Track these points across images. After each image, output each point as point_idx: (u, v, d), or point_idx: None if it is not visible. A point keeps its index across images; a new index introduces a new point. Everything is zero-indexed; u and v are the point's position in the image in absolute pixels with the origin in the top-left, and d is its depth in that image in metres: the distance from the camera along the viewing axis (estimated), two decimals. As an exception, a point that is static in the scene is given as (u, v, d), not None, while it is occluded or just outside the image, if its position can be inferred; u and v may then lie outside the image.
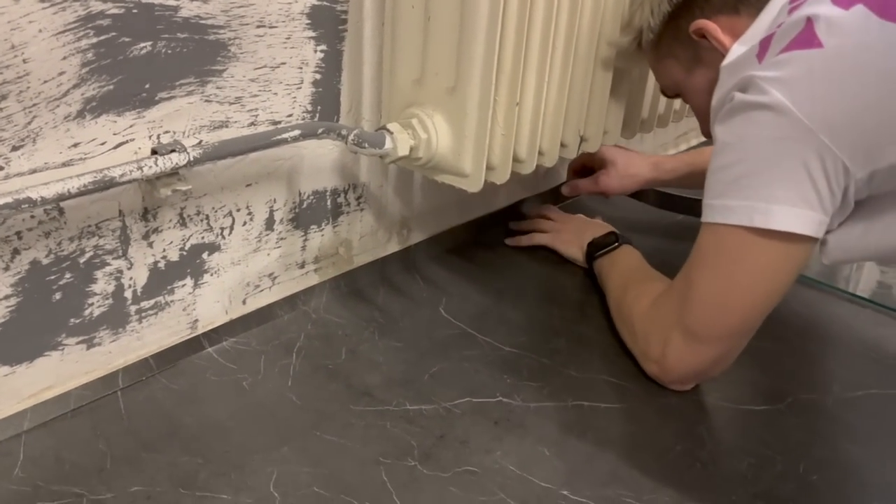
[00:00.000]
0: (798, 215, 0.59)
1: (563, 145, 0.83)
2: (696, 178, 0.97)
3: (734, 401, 0.74)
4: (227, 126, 0.68)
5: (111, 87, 0.59)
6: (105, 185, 0.57)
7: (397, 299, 0.86)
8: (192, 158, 0.62)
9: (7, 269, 0.58)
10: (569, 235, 0.98)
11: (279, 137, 0.68)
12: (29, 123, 0.55)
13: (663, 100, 1.00)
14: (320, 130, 0.70)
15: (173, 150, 0.61)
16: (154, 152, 0.62)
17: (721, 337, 0.67)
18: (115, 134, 0.61)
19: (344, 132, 0.70)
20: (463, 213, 1.01)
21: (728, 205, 0.62)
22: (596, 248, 0.91)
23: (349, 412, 0.68)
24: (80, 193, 0.56)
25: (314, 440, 0.64)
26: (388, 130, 0.71)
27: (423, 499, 0.59)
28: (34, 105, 0.55)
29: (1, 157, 0.55)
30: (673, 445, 0.67)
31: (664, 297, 0.72)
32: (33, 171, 0.57)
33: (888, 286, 1.06)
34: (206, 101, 0.66)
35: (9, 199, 0.53)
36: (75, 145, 0.59)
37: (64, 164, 0.58)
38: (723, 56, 0.66)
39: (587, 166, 1.05)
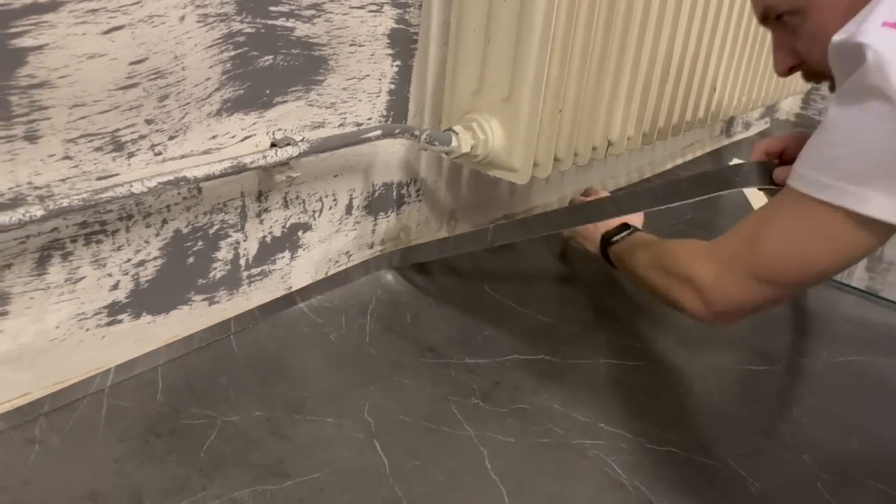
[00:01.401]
0: (891, 205, 0.59)
1: (593, 148, 0.98)
2: None
3: (738, 362, 0.88)
4: (323, 126, 0.83)
5: (242, 91, 0.74)
6: (239, 169, 0.72)
7: (448, 278, 1.01)
8: (302, 151, 0.76)
9: (158, 235, 0.72)
10: (585, 231, 1.01)
11: (365, 136, 0.82)
12: (182, 118, 0.70)
13: (678, 110, 1.14)
14: (397, 131, 0.85)
15: (288, 144, 0.76)
16: (273, 145, 0.76)
17: (775, 283, 0.69)
18: (242, 129, 0.75)
19: (417, 132, 0.85)
20: (500, 208, 1.16)
21: (822, 181, 0.62)
22: (610, 237, 0.93)
23: (419, 363, 0.82)
24: (221, 175, 0.70)
25: (393, 382, 0.78)
26: (454, 131, 0.85)
27: (486, 426, 0.73)
28: (187, 104, 0.70)
29: (160, 144, 0.69)
30: (687, 394, 0.81)
31: (721, 240, 0.73)
32: (182, 157, 0.71)
33: (877, 282, 1.20)
34: (310, 105, 0.80)
35: (171, 178, 0.67)
36: (213, 137, 0.73)
37: (204, 152, 0.73)
38: None
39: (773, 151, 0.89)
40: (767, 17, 0.74)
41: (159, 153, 0.69)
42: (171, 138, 0.70)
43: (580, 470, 0.69)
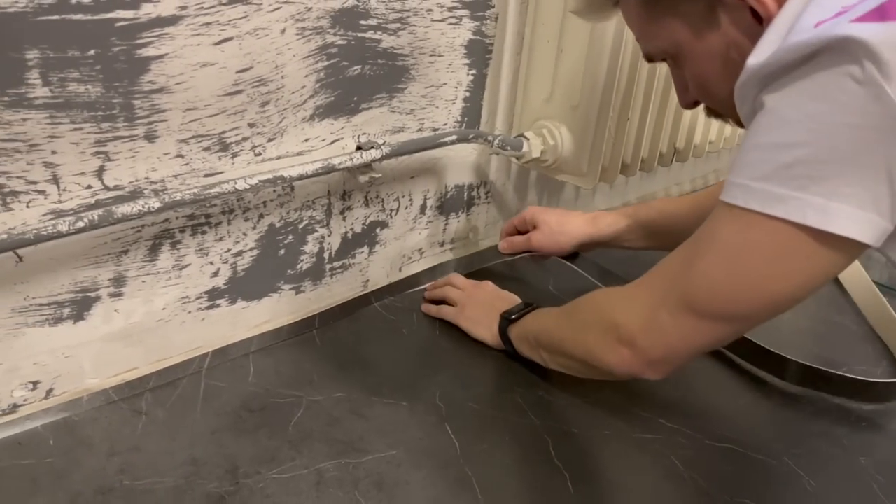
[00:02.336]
0: (862, 219, 0.50)
1: (660, 154, 1.01)
2: (636, 232, 0.91)
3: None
4: (402, 131, 0.88)
5: (332, 98, 0.80)
6: (329, 170, 0.78)
7: (514, 276, 1.05)
8: (384, 154, 0.82)
9: (254, 228, 0.79)
10: (474, 311, 0.88)
11: (442, 140, 0.88)
12: (280, 122, 0.77)
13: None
14: (471, 136, 0.90)
15: (372, 147, 0.82)
16: (359, 148, 0.82)
17: (722, 317, 0.59)
18: (331, 133, 0.81)
19: (490, 138, 0.90)
20: (565, 211, 1.20)
21: (775, 192, 0.51)
22: (508, 315, 0.83)
23: (487, 356, 0.86)
24: (313, 175, 0.77)
25: (462, 373, 0.83)
26: (525, 137, 0.90)
27: (550, 417, 0.77)
28: (284, 109, 0.76)
29: (260, 146, 0.76)
30: (744, 394, 0.84)
31: (646, 277, 0.65)
32: (279, 157, 0.78)
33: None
34: (392, 111, 0.86)
35: (269, 176, 0.74)
36: (306, 140, 0.80)
37: (298, 154, 0.79)
38: (753, 19, 0.56)
39: (519, 229, 0.96)
40: (652, 60, 0.69)
41: (259, 154, 0.76)
42: (269, 140, 0.76)
43: (640, 461, 0.73)
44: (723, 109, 0.63)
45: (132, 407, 0.73)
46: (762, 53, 0.52)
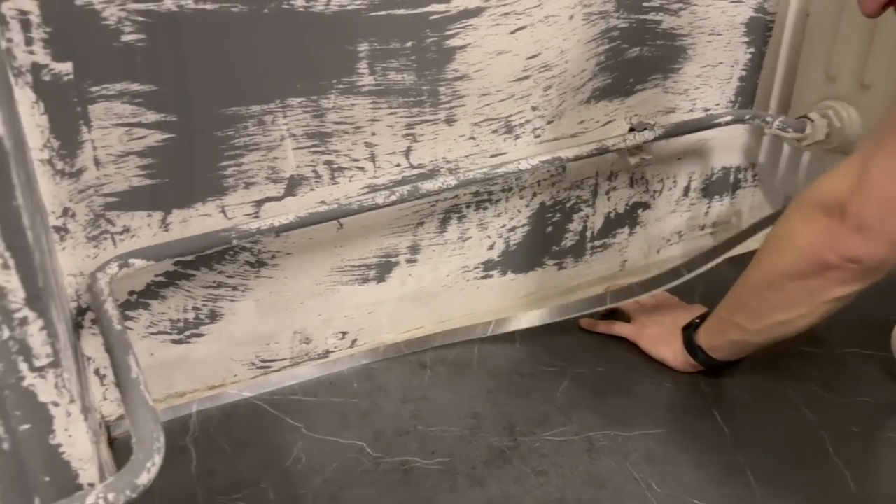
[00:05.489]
0: None
1: (965, 139, 0.91)
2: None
3: None
4: (674, 111, 0.88)
5: (610, 80, 0.82)
6: (602, 151, 0.80)
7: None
8: (656, 135, 0.83)
9: (528, 206, 0.84)
10: (656, 329, 0.80)
11: (716, 121, 0.86)
12: (559, 105, 0.80)
13: None
14: (748, 116, 0.87)
15: (645, 128, 0.82)
16: (631, 129, 0.84)
17: None
18: (605, 115, 0.84)
19: (769, 118, 0.86)
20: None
21: None
22: (691, 323, 0.76)
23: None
24: (588, 156, 0.80)
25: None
26: (809, 119, 0.85)
27: (827, 413, 0.74)
28: (564, 93, 0.80)
29: (539, 128, 0.80)
30: None
31: (848, 159, 0.58)
32: (555, 139, 0.82)
33: None
34: (665, 92, 0.86)
35: (548, 157, 0.78)
36: (581, 122, 0.83)
37: (572, 136, 0.83)
38: None
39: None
40: None
41: (538, 135, 0.80)
42: (548, 123, 0.80)
43: (934, 471, 0.68)
44: None
45: (418, 361, 0.82)
46: None
